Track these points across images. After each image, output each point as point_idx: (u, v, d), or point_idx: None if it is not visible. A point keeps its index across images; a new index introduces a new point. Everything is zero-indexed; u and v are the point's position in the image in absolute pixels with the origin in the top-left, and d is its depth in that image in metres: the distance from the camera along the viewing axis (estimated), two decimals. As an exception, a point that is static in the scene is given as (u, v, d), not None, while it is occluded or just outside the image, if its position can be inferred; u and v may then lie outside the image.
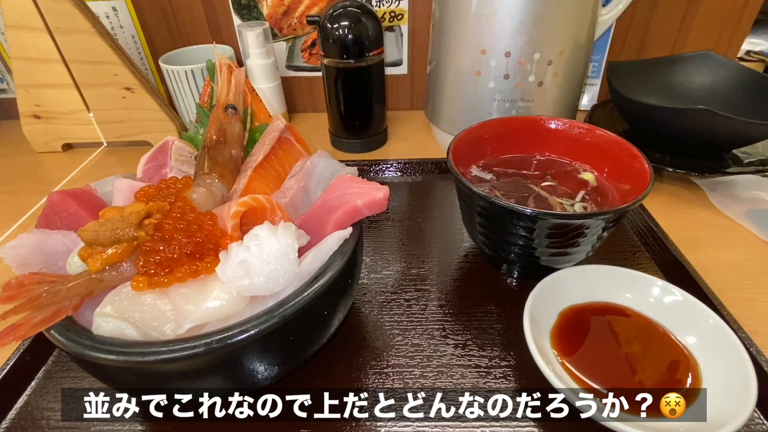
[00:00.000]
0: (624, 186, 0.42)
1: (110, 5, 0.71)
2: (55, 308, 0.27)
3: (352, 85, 0.64)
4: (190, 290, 0.29)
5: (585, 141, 0.46)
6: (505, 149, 0.48)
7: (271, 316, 0.27)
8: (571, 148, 0.47)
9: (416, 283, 0.45)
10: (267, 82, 0.71)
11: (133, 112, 0.68)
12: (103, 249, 0.28)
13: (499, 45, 0.53)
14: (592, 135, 0.45)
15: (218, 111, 0.39)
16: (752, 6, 0.67)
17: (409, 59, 0.77)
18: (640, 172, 0.39)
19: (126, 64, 0.64)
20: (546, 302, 0.37)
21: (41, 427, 0.34)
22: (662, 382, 0.33)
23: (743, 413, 0.28)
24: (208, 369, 0.28)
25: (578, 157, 0.47)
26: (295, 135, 0.42)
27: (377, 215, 0.38)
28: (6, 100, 0.82)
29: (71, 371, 0.38)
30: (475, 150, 0.46)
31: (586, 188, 0.44)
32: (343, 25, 0.59)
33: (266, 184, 0.38)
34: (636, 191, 0.38)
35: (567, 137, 0.47)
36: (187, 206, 0.31)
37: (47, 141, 0.72)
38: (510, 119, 0.48)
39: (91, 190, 0.37)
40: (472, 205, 0.40)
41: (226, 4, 0.72)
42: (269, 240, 0.29)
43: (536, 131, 0.48)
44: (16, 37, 0.61)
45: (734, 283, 0.44)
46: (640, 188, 0.37)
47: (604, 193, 0.43)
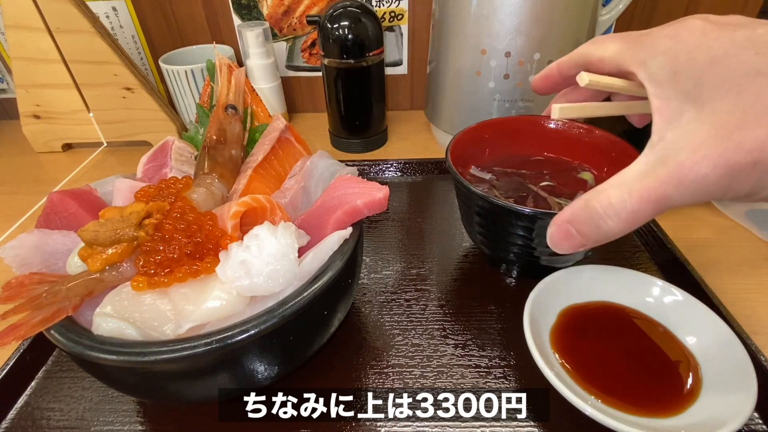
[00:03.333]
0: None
1: (110, 5, 0.71)
2: (55, 308, 0.27)
3: (352, 85, 0.64)
4: (190, 290, 0.29)
5: (584, 141, 0.45)
6: (505, 149, 0.48)
7: (271, 316, 0.27)
8: (571, 148, 0.47)
9: (416, 283, 0.45)
10: (267, 82, 0.71)
11: (133, 112, 0.68)
12: (103, 249, 0.28)
13: (499, 45, 0.53)
14: (591, 135, 0.45)
15: (218, 111, 0.39)
16: (752, 6, 0.67)
17: (409, 59, 0.77)
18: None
19: (126, 64, 0.64)
20: (546, 302, 0.37)
21: (41, 427, 0.34)
22: (662, 382, 0.33)
23: (743, 413, 0.28)
24: (208, 369, 0.28)
25: (577, 157, 0.47)
26: (295, 135, 0.42)
27: (377, 215, 0.38)
28: (6, 100, 0.82)
29: (71, 371, 0.38)
30: (474, 150, 0.46)
31: (585, 188, 0.43)
32: (343, 25, 0.59)
33: (266, 184, 0.38)
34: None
35: (566, 137, 0.46)
36: (187, 206, 0.31)
37: (47, 141, 0.72)
38: (509, 119, 0.48)
39: (91, 190, 0.37)
40: (470, 205, 0.40)
41: (226, 4, 0.72)
42: (269, 240, 0.29)
43: (535, 131, 0.47)
44: (16, 37, 0.61)
45: (734, 283, 0.44)
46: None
47: None
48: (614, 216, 0.22)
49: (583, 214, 0.23)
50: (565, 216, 0.25)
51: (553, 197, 0.42)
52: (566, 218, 0.24)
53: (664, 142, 0.22)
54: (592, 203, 0.23)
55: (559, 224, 0.25)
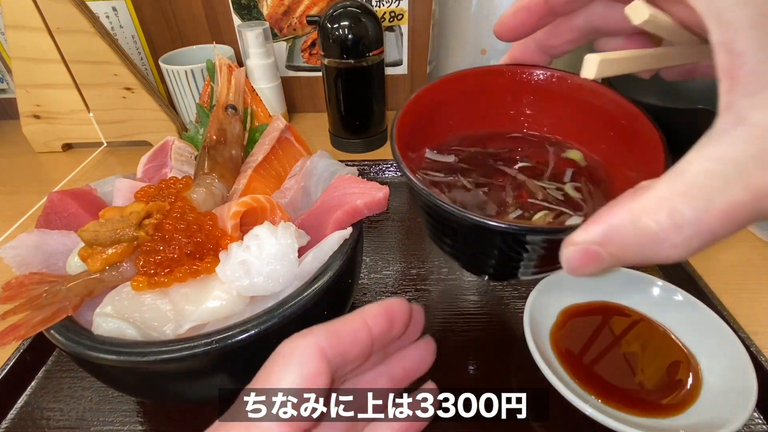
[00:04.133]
0: (629, 173, 0.29)
1: (110, 5, 0.71)
2: (55, 308, 0.27)
3: (352, 85, 0.64)
4: (190, 290, 0.29)
5: (579, 104, 0.31)
6: (468, 123, 0.33)
7: (271, 316, 0.27)
8: (557, 115, 0.33)
9: (416, 283, 0.45)
10: (267, 82, 0.71)
11: (133, 112, 0.68)
12: (103, 249, 0.28)
13: (499, 45, 0.53)
14: (592, 96, 0.30)
15: (218, 111, 0.39)
16: None
17: (409, 59, 0.77)
18: (653, 156, 0.27)
19: (126, 64, 0.64)
20: (546, 302, 0.37)
21: (41, 427, 0.34)
22: (662, 382, 0.33)
23: (743, 413, 0.28)
24: (208, 369, 0.28)
25: (565, 129, 0.33)
26: (295, 135, 0.42)
27: (377, 215, 0.38)
28: (6, 100, 0.82)
29: (71, 371, 0.38)
30: (427, 124, 0.32)
31: (576, 168, 0.32)
32: (343, 25, 0.59)
33: (266, 184, 0.38)
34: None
35: (552, 97, 0.32)
36: (187, 206, 0.31)
37: (47, 141, 0.72)
38: (473, 73, 0.32)
39: (91, 190, 0.37)
40: (431, 215, 0.28)
41: (226, 4, 0.72)
42: (269, 240, 0.29)
43: (510, 92, 0.32)
44: (16, 37, 0.61)
45: (734, 283, 0.44)
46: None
47: (596, 176, 0.31)
48: (681, 240, 0.15)
49: (629, 234, 0.16)
50: (594, 235, 0.17)
51: (534, 181, 0.30)
52: (596, 238, 0.17)
53: (750, 126, 0.15)
54: (644, 221, 0.16)
55: (582, 246, 0.17)
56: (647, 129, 0.28)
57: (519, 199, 0.29)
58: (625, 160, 0.30)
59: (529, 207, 0.28)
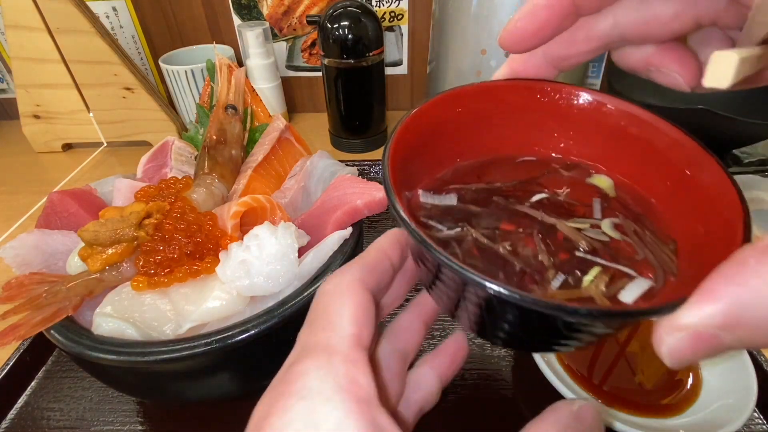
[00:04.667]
0: (697, 227, 0.19)
1: (110, 5, 0.71)
2: (55, 308, 0.27)
3: (352, 85, 0.64)
4: (190, 290, 0.29)
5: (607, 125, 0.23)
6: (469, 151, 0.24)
7: (271, 316, 0.27)
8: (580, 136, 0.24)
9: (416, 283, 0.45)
10: (267, 82, 0.71)
11: (133, 112, 0.68)
12: (103, 249, 0.28)
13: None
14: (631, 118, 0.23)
15: (218, 111, 0.39)
16: (752, 6, 0.67)
17: (409, 59, 0.77)
18: (727, 209, 0.17)
19: (126, 64, 0.64)
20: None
21: (41, 427, 0.34)
22: (663, 383, 0.33)
23: (743, 413, 0.28)
24: (208, 369, 0.28)
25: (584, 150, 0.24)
26: (295, 135, 0.42)
27: (377, 215, 0.38)
28: (6, 100, 0.82)
29: (71, 371, 0.38)
30: (419, 157, 0.22)
31: (601, 196, 0.22)
32: (343, 25, 0.59)
33: (266, 184, 0.38)
34: (720, 241, 0.17)
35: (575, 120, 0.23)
36: (187, 206, 0.31)
37: (47, 141, 0.72)
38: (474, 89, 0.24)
39: (91, 190, 0.37)
40: (446, 283, 0.19)
41: (226, 4, 0.72)
42: (269, 240, 0.29)
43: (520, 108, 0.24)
44: (16, 37, 0.61)
45: (734, 283, 0.44)
46: (729, 237, 0.16)
47: (632, 210, 0.22)
48: None
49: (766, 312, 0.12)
50: (714, 317, 0.12)
51: (565, 222, 0.21)
52: (717, 321, 0.12)
53: None
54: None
55: (695, 331, 0.13)
56: (721, 176, 0.19)
57: (555, 254, 0.20)
58: (690, 207, 0.21)
59: (572, 265, 0.19)
